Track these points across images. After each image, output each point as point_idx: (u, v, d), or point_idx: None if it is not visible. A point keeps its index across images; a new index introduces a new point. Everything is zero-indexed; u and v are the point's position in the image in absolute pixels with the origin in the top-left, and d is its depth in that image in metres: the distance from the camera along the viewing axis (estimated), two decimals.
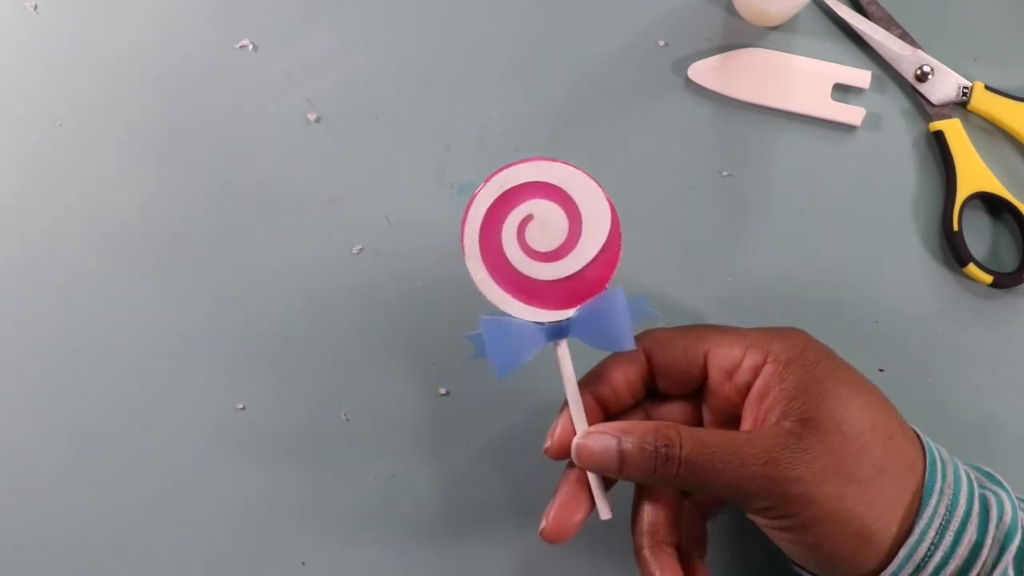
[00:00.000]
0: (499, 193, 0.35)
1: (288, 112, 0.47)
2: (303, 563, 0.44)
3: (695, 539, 0.37)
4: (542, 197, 0.35)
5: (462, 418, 0.44)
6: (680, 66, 0.46)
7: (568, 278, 0.35)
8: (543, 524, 0.35)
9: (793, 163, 0.46)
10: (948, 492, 0.33)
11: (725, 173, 0.46)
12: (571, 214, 0.35)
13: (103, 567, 0.44)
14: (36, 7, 0.48)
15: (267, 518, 0.44)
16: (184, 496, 0.44)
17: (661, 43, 0.47)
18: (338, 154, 0.46)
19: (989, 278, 0.44)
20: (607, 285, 0.35)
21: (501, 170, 0.35)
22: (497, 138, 0.46)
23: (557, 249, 0.35)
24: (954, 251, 0.44)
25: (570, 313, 0.35)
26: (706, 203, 0.46)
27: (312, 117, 0.46)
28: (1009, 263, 0.45)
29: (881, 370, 0.44)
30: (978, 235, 0.45)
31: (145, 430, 0.44)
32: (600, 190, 0.35)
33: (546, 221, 0.35)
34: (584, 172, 0.35)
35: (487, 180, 0.35)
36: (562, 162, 0.35)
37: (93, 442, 0.44)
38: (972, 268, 0.44)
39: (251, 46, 0.47)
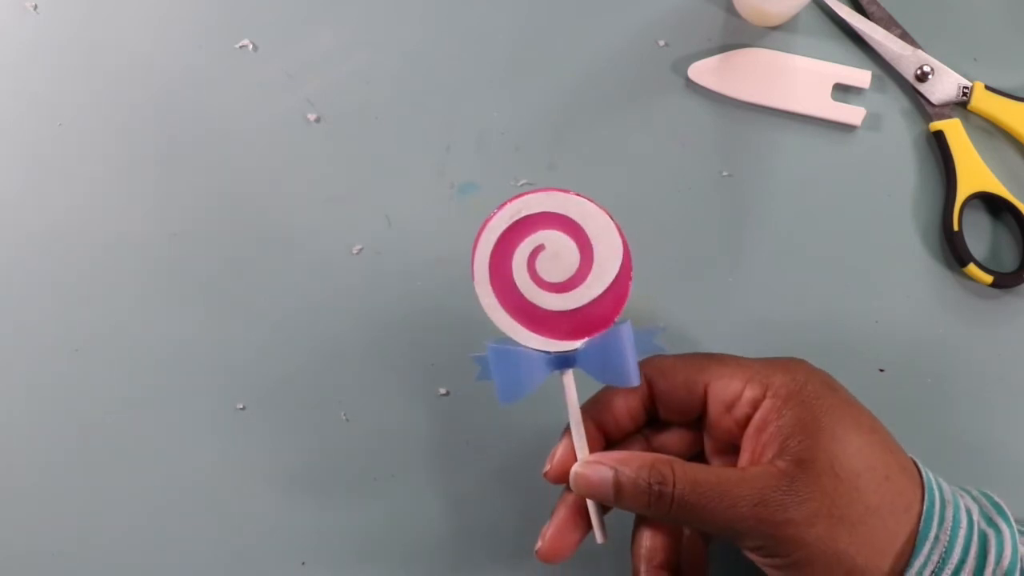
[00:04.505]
0: (512, 221, 0.35)
1: (288, 112, 0.47)
2: (303, 563, 0.44)
3: (695, 565, 0.37)
4: (555, 228, 0.35)
5: (462, 418, 0.44)
6: (680, 66, 0.46)
7: (576, 310, 0.35)
8: (539, 544, 0.36)
9: (793, 163, 0.46)
10: (944, 538, 0.33)
11: (725, 173, 0.46)
12: (583, 247, 0.35)
13: (103, 567, 0.44)
14: (36, 7, 0.48)
15: (267, 518, 0.44)
16: (184, 496, 0.44)
17: (661, 43, 0.47)
18: (338, 154, 0.46)
19: (989, 278, 0.44)
20: (615, 320, 0.35)
21: (516, 197, 0.35)
22: (497, 138, 0.46)
23: (567, 281, 0.35)
24: (954, 251, 0.44)
25: (577, 344, 0.35)
26: (706, 203, 0.46)
27: (312, 117, 0.46)
28: (1009, 263, 0.45)
29: (881, 370, 0.44)
30: (978, 235, 0.45)
31: (145, 430, 0.44)
32: (614, 226, 0.35)
33: (558, 252, 0.35)
34: (599, 206, 0.35)
35: (501, 207, 0.35)
36: (577, 194, 0.35)
37: (93, 442, 0.44)
38: (972, 268, 0.44)
39: (251, 46, 0.47)
